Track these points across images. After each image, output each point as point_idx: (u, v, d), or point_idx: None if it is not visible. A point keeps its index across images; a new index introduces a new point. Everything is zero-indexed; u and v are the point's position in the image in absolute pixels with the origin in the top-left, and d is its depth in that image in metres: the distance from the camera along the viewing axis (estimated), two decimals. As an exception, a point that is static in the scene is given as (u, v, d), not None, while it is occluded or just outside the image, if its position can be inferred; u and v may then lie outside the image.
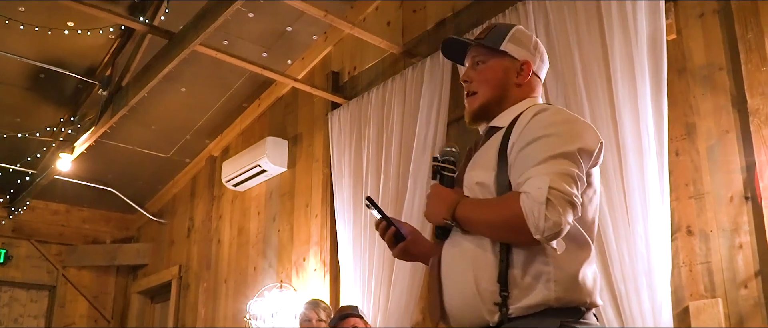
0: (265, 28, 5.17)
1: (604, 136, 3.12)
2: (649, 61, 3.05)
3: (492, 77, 1.78)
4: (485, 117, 1.80)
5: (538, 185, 1.50)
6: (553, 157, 1.54)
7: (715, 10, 3.08)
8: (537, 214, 1.48)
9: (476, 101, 1.79)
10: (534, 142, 1.59)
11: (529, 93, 1.80)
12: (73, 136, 5.85)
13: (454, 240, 1.69)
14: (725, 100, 2.99)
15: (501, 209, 1.56)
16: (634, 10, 3.13)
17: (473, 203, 1.64)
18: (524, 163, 1.57)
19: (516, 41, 1.81)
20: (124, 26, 4.98)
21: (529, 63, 1.80)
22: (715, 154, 2.98)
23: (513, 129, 1.66)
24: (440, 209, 1.68)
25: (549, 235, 1.48)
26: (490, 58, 1.79)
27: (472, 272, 1.60)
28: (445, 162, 1.76)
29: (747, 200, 2.84)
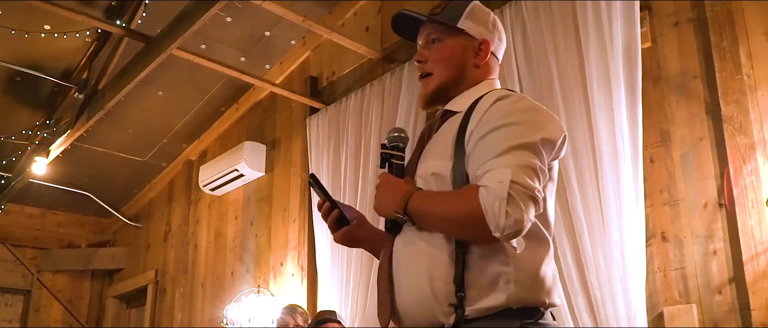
0: (243, 32, 5.15)
1: (580, 142, 3.16)
2: (624, 68, 3.08)
3: (448, 57, 1.64)
4: (441, 100, 1.66)
5: (499, 178, 1.38)
6: (514, 147, 1.42)
7: (689, 19, 3.12)
8: (497, 210, 1.35)
9: (432, 83, 1.65)
10: (494, 131, 1.46)
11: (487, 74, 1.67)
12: (48, 139, 5.79)
13: (406, 236, 1.56)
14: (699, 108, 3.03)
15: (458, 203, 1.44)
16: (610, 18, 3.16)
17: (427, 196, 1.51)
18: (483, 153, 1.45)
19: (474, 18, 1.66)
20: (100, 30, 4.94)
21: (488, 42, 1.66)
22: (690, 161, 3.02)
23: (471, 116, 1.53)
24: (391, 201, 1.54)
25: (510, 233, 1.37)
26: (447, 36, 1.65)
27: (427, 271, 1.48)
28: (393, 148, 1.63)
29: (721, 207, 2.88)
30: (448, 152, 1.53)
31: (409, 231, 1.55)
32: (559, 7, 3.40)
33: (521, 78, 3.50)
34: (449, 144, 1.54)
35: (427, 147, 1.63)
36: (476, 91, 1.62)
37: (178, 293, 6.25)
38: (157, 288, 6.68)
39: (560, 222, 3.19)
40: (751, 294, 2.67)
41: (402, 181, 1.57)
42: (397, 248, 1.58)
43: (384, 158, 1.63)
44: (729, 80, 2.90)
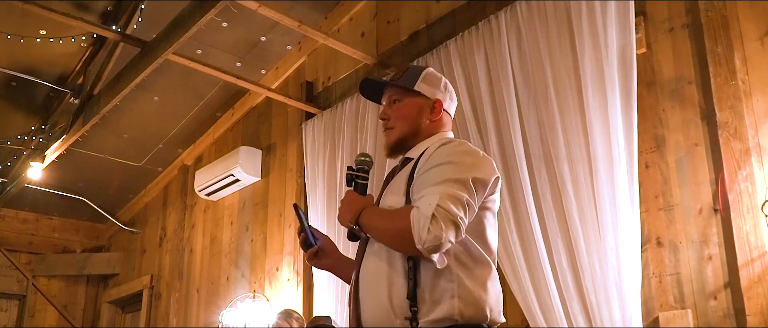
0: (239, 37, 5.15)
1: (575, 147, 3.16)
2: (619, 74, 3.09)
3: (407, 114, 1.94)
4: (401, 150, 1.95)
5: (428, 201, 1.65)
6: (447, 180, 1.70)
7: (684, 25, 3.13)
8: (421, 226, 1.62)
9: (393, 135, 1.95)
10: (434, 167, 1.75)
11: (440, 128, 1.97)
12: (44, 144, 5.77)
13: (368, 259, 1.81)
14: (694, 114, 3.03)
15: (394, 219, 1.71)
16: (605, 25, 3.16)
17: (374, 212, 1.81)
18: (422, 184, 1.74)
19: (428, 82, 1.97)
20: (96, 34, 4.93)
21: (440, 101, 1.96)
22: (684, 166, 3.03)
23: (421, 158, 1.83)
24: (348, 213, 1.83)
25: (429, 246, 1.62)
26: (405, 96, 1.95)
27: (386, 289, 1.72)
28: (359, 170, 1.92)
29: (716, 212, 2.88)
30: (402, 189, 1.81)
31: (372, 250, 1.81)
32: (554, 13, 3.40)
33: (516, 83, 3.50)
34: (403, 183, 1.82)
35: (388, 186, 1.93)
36: (429, 141, 1.92)
37: (173, 298, 6.23)
38: (152, 293, 6.66)
39: (555, 227, 3.19)
40: (746, 299, 2.67)
41: (361, 197, 1.86)
42: (362, 270, 1.83)
43: (350, 178, 1.91)
44: (724, 86, 2.90)
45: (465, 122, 3.66)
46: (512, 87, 3.50)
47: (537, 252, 3.22)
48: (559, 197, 3.18)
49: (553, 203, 3.22)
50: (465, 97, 3.71)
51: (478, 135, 3.61)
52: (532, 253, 3.25)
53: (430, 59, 3.99)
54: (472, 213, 1.73)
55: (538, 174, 3.30)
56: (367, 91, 2.09)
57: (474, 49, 3.74)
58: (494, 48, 3.64)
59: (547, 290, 3.15)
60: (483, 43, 3.72)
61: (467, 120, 3.66)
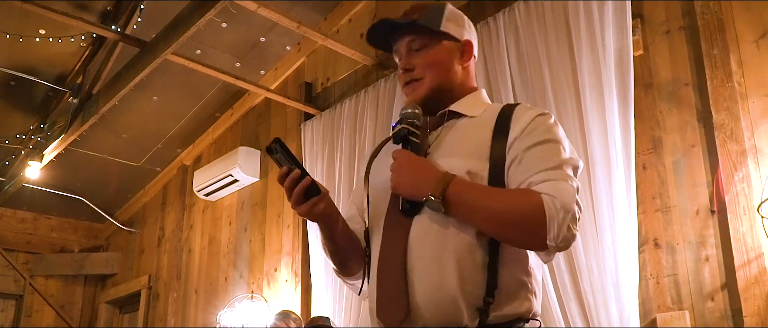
0: (238, 38, 5.16)
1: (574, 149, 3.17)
2: (616, 76, 3.11)
3: (438, 60, 1.60)
4: (432, 106, 1.60)
5: (566, 191, 1.37)
6: (567, 164, 1.43)
7: (681, 28, 3.15)
8: (561, 220, 1.34)
9: (423, 88, 1.59)
10: (545, 143, 1.45)
11: (472, 80, 1.67)
12: (42, 143, 5.78)
13: (426, 225, 1.45)
14: (691, 116, 3.05)
15: (516, 202, 1.38)
16: (602, 26, 3.18)
17: (474, 186, 1.44)
18: (536, 161, 1.42)
19: (453, 20, 1.64)
20: (95, 34, 4.94)
21: (470, 42, 1.65)
22: (681, 168, 3.04)
23: (510, 123, 1.50)
24: (423, 181, 1.43)
25: (562, 246, 1.37)
26: (431, 41, 1.60)
27: (457, 269, 1.40)
28: (411, 126, 1.52)
29: (713, 213, 2.90)
30: (484, 154, 1.47)
31: (432, 220, 1.45)
32: (551, 15, 3.42)
33: (514, 84, 3.52)
34: (482, 145, 1.49)
35: (442, 145, 1.55)
36: (478, 98, 1.63)
37: (171, 299, 6.24)
38: (150, 293, 6.67)
39: (553, 228, 3.20)
40: (744, 301, 2.68)
41: (434, 164, 1.48)
42: (417, 237, 1.46)
43: (402, 135, 1.51)
44: (720, 88, 2.92)
45: (463, 123, 3.67)
46: (510, 88, 3.51)
47: (534, 253, 3.22)
48: (557, 198, 3.19)
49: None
50: (463, 98, 3.72)
51: (477, 136, 3.61)
52: (529, 254, 3.25)
53: (429, 60, 4.00)
54: None
55: (535, 175, 3.30)
56: (378, 37, 1.69)
57: (472, 50, 3.75)
58: (492, 49, 3.66)
59: (545, 291, 3.17)
60: (481, 44, 3.73)
61: (465, 121, 3.67)
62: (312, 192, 1.49)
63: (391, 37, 1.67)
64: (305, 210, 1.50)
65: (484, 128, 1.52)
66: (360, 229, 1.65)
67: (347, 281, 1.71)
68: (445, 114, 1.59)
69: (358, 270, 1.67)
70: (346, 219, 1.65)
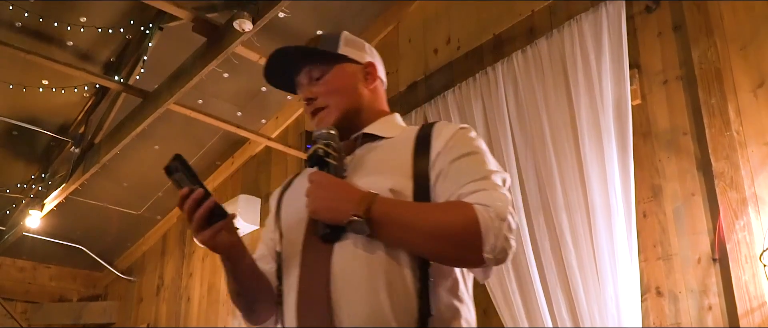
0: (239, 87, 5.21)
1: (573, 197, 3.18)
2: (615, 125, 3.13)
3: (341, 86, 1.53)
4: (344, 130, 1.50)
5: (499, 199, 1.29)
6: (495, 173, 1.37)
7: (678, 77, 3.18)
8: (497, 230, 1.25)
9: (331, 115, 1.51)
10: (470, 155, 1.39)
11: (382, 102, 1.61)
12: (43, 193, 5.79)
13: (350, 251, 1.33)
14: (690, 164, 3.06)
15: (447, 215, 1.29)
16: (600, 76, 3.22)
17: (400, 203, 1.34)
18: (463, 173, 1.35)
19: (351, 44, 1.58)
20: (98, 85, 4.99)
21: (373, 64, 1.59)
22: (682, 216, 3.04)
23: (430, 138, 1.43)
24: (345, 201, 1.31)
25: (500, 257, 1.27)
26: (330, 67, 1.54)
27: (388, 297, 1.28)
28: (326, 146, 1.41)
29: (715, 262, 2.89)
30: (406, 171, 1.39)
31: (352, 244, 1.33)
32: (549, 65, 3.46)
33: (514, 133, 3.54)
34: (405, 163, 1.40)
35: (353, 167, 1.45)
36: (392, 120, 1.57)
37: (169, 349, 6.17)
38: (148, 343, 6.60)
39: (554, 276, 3.19)
40: (748, 350, 2.66)
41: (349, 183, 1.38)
42: (342, 265, 1.33)
43: (317, 156, 1.40)
44: (719, 136, 2.94)
45: (463, 172, 3.68)
46: (510, 137, 3.54)
47: (536, 302, 3.21)
48: (558, 246, 3.19)
49: (551, 252, 3.23)
50: (463, 146, 3.74)
51: (477, 184, 3.62)
52: (531, 303, 3.24)
53: (429, 109, 4.04)
54: None
55: (536, 224, 3.31)
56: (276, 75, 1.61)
57: (471, 99, 3.79)
58: (491, 98, 3.69)
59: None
60: (480, 93, 3.77)
61: (466, 169, 3.68)
62: (216, 216, 1.35)
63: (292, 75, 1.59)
64: (208, 236, 1.36)
65: (404, 147, 1.44)
66: (271, 269, 1.52)
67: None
68: (358, 138, 1.51)
69: (267, 317, 1.52)
70: (255, 259, 1.53)
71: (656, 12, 3.31)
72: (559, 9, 3.71)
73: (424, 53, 4.54)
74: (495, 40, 4.03)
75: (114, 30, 4.53)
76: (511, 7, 3.99)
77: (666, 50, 3.25)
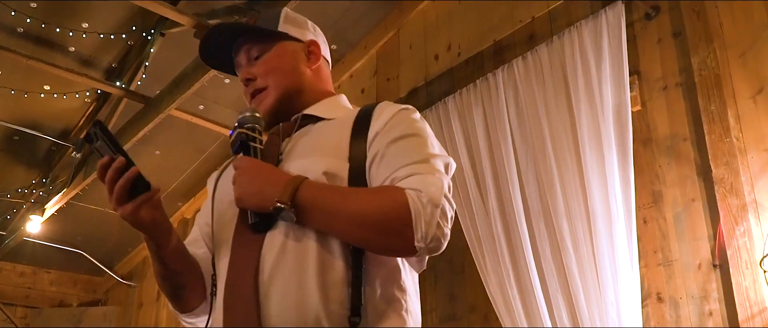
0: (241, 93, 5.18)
1: (574, 203, 3.19)
2: (615, 131, 3.14)
3: (280, 65, 1.44)
4: (286, 112, 1.44)
5: (434, 184, 1.21)
6: (435, 158, 1.28)
7: (677, 84, 3.20)
8: (429, 217, 1.17)
9: (270, 97, 1.43)
10: (410, 137, 1.30)
11: (325, 82, 1.52)
12: (44, 198, 5.80)
13: (279, 240, 1.24)
14: (690, 170, 3.07)
15: (376, 200, 1.20)
16: (600, 83, 3.23)
17: (327, 188, 1.25)
18: (400, 155, 1.27)
19: (292, 22, 1.49)
20: (100, 90, 5.00)
21: (316, 42, 1.50)
22: (682, 222, 3.05)
23: (370, 119, 1.34)
24: (268, 186, 1.23)
25: (433, 246, 1.19)
26: (270, 46, 1.45)
27: (318, 288, 1.19)
28: (250, 130, 1.34)
29: (715, 267, 2.89)
30: (342, 152, 1.30)
31: (283, 233, 1.25)
32: (550, 71, 3.48)
33: (514, 139, 3.55)
34: (342, 145, 1.32)
35: (291, 148, 1.37)
36: (336, 102, 1.49)
37: (170, 354, 6.17)
38: (148, 348, 6.60)
39: (555, 282, 3.19)
40: (748, 356, 2.66)
41: (276, 167, 1.31)
42: (270, 255, 1.24)
43: (240, 141, 1.33)
44: (718, 143, 2.95)
45: (464, 178, 3.70)
46: (510, 143, 3.55)
47: (538, 308, 3.21)
48: (559, 252, 3.20)
49: (552, 258, 3.24)
50: (464, 152, 3.75)
51: (477, 191, 3.64)
52: (532, 309, 3.24)
53: (430, 115, 4.05)
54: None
55: (537, 230, 3.32)
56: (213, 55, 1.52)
57: (472, 105, 3.80)
58: (492, 105, 3.70)
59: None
60: (481, 99, 3.78)
61: (466, 175, 3.70)
62: (139, 188, 1.24)
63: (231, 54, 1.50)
64: (130, 211, 1.25)
65: (343, 128, 1.35)
66: (204, 255, 1.44)
67: (185, 320, 1.46)
68: (297, 119, 1.43)
69: (196, 305, 1.42)
70: (186, 243, 1.45)
71: (656, 19, 3.33)
72: (559, 16, 3.73)
73: (424, 59, 4.55)
74: (495, 46, 4.05)
75: (116, 36, 4.55)
76: (512, 13, 4.01)
77: (666, 57, 3.27)
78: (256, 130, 1.34)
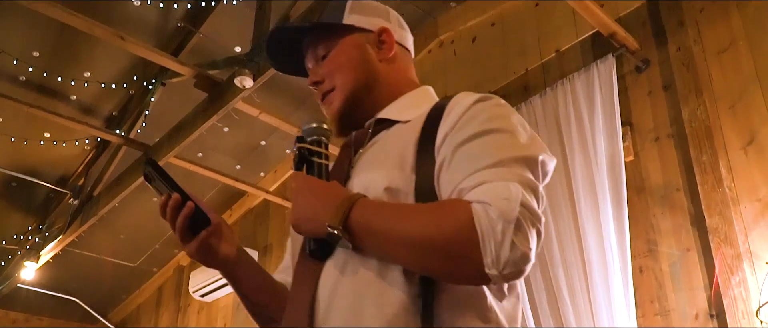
0: (239, 141, 5.27)
1: (569, 252, 3.20)
2: (609, 180, 3.17)
3: (346, 61, 1.27)
4: (357, 114, 1.27)
5: (504, 194, 0.97)
6: (514, 159, 1.04)
7: (669, 135, 3.25)
8: (500, 236, 0.94)
9: (337, 99, 1.26)
10: (483, 135, 1.07)
11: (405, 74, 1.32)
12: (39, 244, 5.78)
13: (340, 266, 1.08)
14: (684, 219, 3.10)
15: (436, 219, 0.99)
16: (593, 133, 3.28)
17: (383, 206, 1.05)
18: (470, 161, 1.04)
19: (359, 10, 1.31)
20: (100, 138, 5.04)
21: (387, 29, 1.30)
22: (678, 271, 3.06)
23: (441, 119, 1.13)
24: (323, 209, 1.06)
25: (510, 272, 0.95)
26: (335, 42, 1.29)
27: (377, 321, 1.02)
28: (313, 143, 1.18)
29: (712, 317, 2.90)
30: (408, 163, 1.11)
31: (342, 262, 1.08)
32: (543, 120, 3.53)
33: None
34: (407, 153, 1.13)
35: (363, 159, 1.20)
36: (417, 97, 1.29)
37: (163, 404, 6.08)
38: (141, 398, 6.50)
39: (552, 332, 3.19)
40: None
41: (336, 184, 1.13)
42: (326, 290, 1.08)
43: (301, 157, 1.17)
44: (711, 193, 2.98)
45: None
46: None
47: (534, 358, 3.20)
48: (556, 302, 3.20)
49: (549, 308, 3.24)
50: (460, 201, 3.77)
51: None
52: (529, 359, 3.23)
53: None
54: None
55: (533, 280, 3.32)
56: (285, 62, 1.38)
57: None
58: (487, 154, 3.73)
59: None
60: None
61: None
62: (200, 223, 1.18)
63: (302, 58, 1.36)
64: (193, 250, 1.18)
65: (413, 132, 1.16)
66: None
67: None
68: (371, 125, 1.26)
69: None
70: (278, 271, 1.35)
71: (646, 72, 3.40)
72: (552, 68, 3.81)
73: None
74: (490, 96, 4.11)
75: (117, 85, 4.61)
76: (506, 65, 4.09)
77: (657, 108, 3.33)
78: (321, 144, 1.18)
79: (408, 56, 1.35)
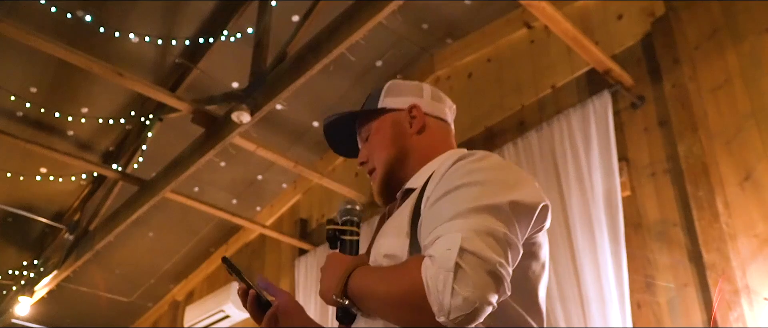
0: (236, 176, 5.27)
1: (567, 287, 3.19)
2: (606, 216, 3.18)
3: (381, 139, 1.41)
4: (394, 185, 1.40)
5: (446, 245, 1.06)
6: (472, 210, 1.10)
7: (665, 170, 3.26)
8: (441, 286, 1.02)
9: (377, 175, 1.41)
10: (450, 193, 1.16)
11: (441, 143, 1.42)
12: (34, 279, 5.74)
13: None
14: (681, 255, 3.09)
15: (397, 278, 1.11)
16: (590, 169, 3.29)
17: (369, 272, 1.19)
18: (434, 218, 1.14)
19: (393, 93, 1.45)
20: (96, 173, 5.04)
21: (417, 105, 1.42)
22: (676, 307, 3.05)
23: (428, 184, 1.25)
24: (329, 281, 1.22)
25: (458, 317, 1.02)
26: (374, 124, 1.44)
27: None
28: (345, 223, 1.33)
29: (711, 354, 2.88)
30: (404, 229, 1.22)
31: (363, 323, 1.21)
32: (540, 157, 3.55)
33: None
34: (405, 220, 1.23)
35: (382, 228, 1.33)
36: (436, 163, 1.36)
37: None
38: None
39: (551, 369, 3.17)
40: None
41: (348, 257, 1.27)
42: None
43: (332, 236, 1.33)
44: (708, 228, 2.98)
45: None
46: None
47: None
48: (553, 338, 3.18)
49: (547, 344, 3.22)
50: (457, 236, 3.77)
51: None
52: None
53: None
54: (517, 256, 1.13)
55: (531, 315, 3.30)
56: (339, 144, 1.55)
57: (465, 190, 3.84)
58: (484, 189, 3.74)
59: None
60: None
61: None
62: (264, 307, 1.37)
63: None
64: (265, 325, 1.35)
65: (413, 199, 1.28)
66: None
67: None
68: (401, 195, 1.39)
69: None
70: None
71: (642, 108, 3.43)
72: (548, 104, 3.83)
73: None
74: (486, 132, 4.13)
75: (115, 120, 4.63)
76: (502, 101, 4.12)
77: (653, 144, 3.34)
78: (352, 223, 1.33)
79: (443, 125, 1.47)
